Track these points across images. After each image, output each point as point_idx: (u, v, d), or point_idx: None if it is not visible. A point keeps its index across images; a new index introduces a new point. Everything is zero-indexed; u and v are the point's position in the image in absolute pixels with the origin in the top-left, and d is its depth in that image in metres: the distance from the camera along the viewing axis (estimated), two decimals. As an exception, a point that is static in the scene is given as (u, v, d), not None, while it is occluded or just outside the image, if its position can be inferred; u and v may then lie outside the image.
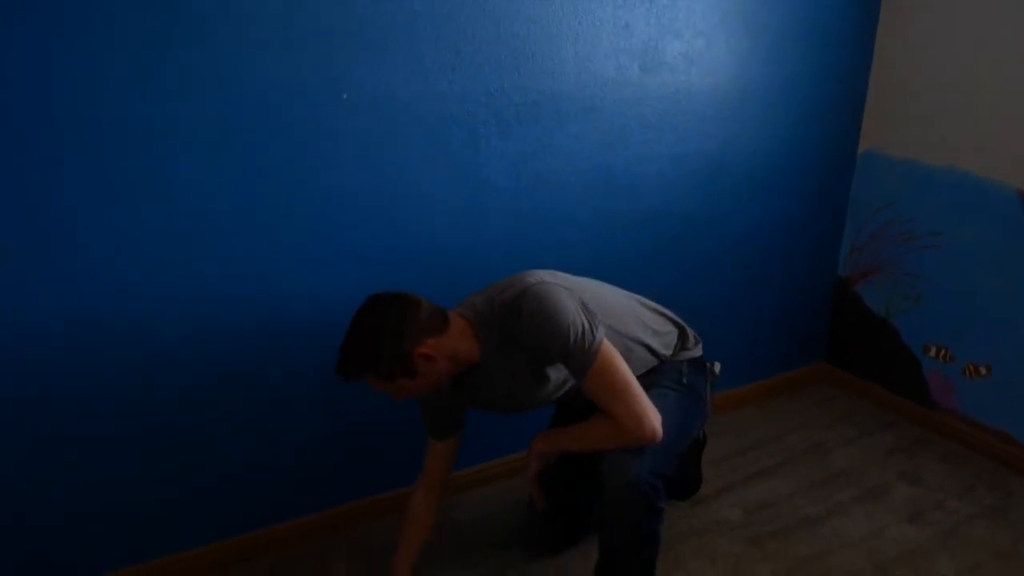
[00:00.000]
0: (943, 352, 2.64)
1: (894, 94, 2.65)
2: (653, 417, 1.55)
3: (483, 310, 1.62)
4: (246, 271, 1.83)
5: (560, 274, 1.68)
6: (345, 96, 1.80)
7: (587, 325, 1.54)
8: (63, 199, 1.60)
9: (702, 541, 2.15)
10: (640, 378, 1.62)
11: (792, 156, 2.63)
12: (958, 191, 2.50)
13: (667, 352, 1.84)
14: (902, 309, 2.76)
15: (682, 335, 1.90)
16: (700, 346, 1.94)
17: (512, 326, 1.57)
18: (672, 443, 1.64)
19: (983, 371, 2.53)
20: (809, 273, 2.90)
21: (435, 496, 1.86)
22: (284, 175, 1.79)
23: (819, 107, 2.62)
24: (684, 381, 1.82)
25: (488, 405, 1.76)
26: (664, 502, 1.60)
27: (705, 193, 2.48)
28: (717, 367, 1.98)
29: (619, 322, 1.70)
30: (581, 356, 1.53)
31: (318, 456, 2.10)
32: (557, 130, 2.11)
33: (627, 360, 1.59)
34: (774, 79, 2.47)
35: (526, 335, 1.55)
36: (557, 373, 1.66)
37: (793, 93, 2.53)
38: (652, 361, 1.80)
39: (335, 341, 1.56)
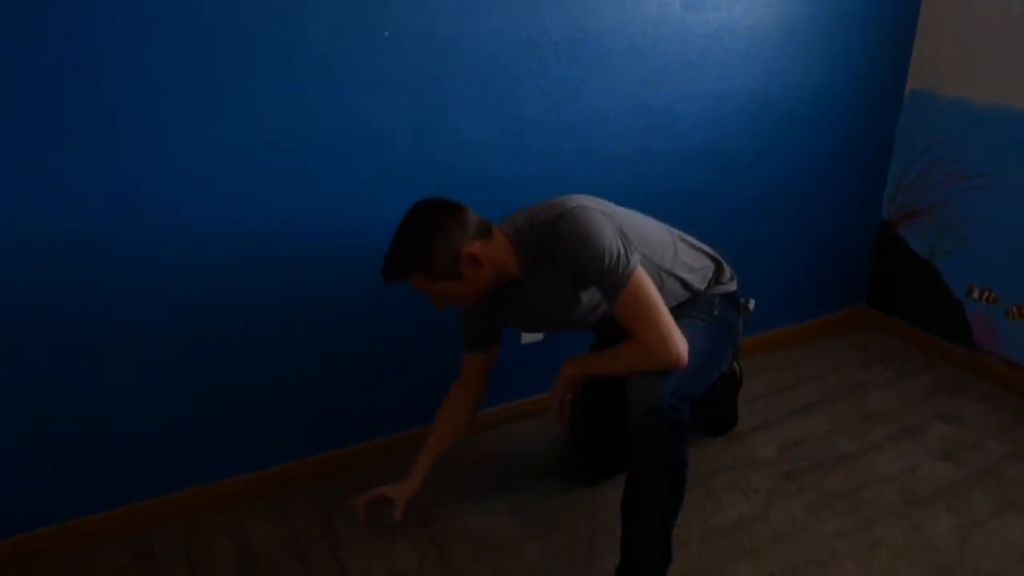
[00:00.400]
0: (987, 294, 2.62)
1: (944, 31, 2.59)
2: (679, 342, 1.59)
3: (522, 228, 1.68)
4: (285, 204, 1.87)
5: (601, 200, 1.72)
6: (387, 33, 1.82)
7: (622, 250, 1.58)
8: (117, 126, 1.65)
9: (736, 475, 2.20)
10: (672, 310, 1.65)
11: (837, 95, 2.59)
12: (1007, 130, 2.45)
13: (701, 286, 1.87)
14: (946, 251, 2.73)
15: (718, 270, 1.93)
16: (735, 282, 1.96)
17: (550, 246, 1.62)
18: (699, 370, 1.68)
19: (1027, 313, 2.51)
20: (852, 215, 2.88)
21: (473, 394, 1.93)
22: (323, 110, 1.83)
23: (865, 44, 2.57)
24: (715, 313, 1.85)
25: (525, 321, 1.82)
26: (689, 425, 1.63)
27: (748, 132, 2.46)
28: (751, 304, 2.00)
29: (654, 253, 1.73)
30: (614, 279, 1.57)
31: (363, 388, 2.18)
32: (598, 68, 2.11)
33: (659, 291, 1.62)
34: (819, 15, 2.43)
35: (563, 256, 1.60)
36: (589, 296, 1.70)
37: (839, 30, 2.49)
38: (685, 294, 1.83)
39: (371, 272, 1.61)
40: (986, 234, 2.60)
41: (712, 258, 1.94)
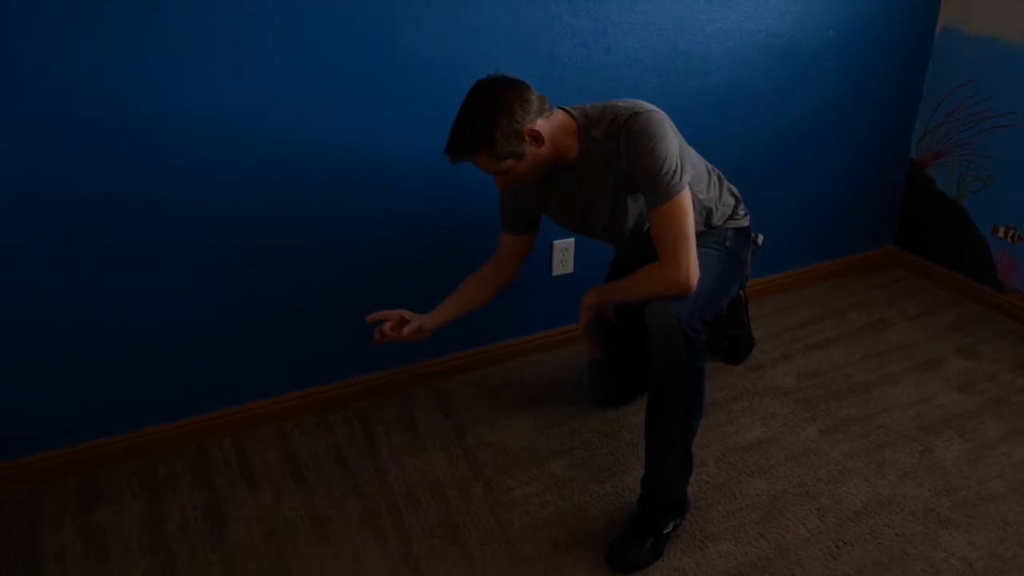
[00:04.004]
0: (1012, 232, 2.65)
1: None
2: (693, 269, 1.67)
3: (593, 115, 1.73)
4: (326, 129, 1.98)
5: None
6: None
7: (679, 167, 1.66)
8: (174, 58, 1.78)
9: (755, 402, 2.30)
10: None
11: (867, 34, 2.61)
12: (1037, 69, 2.47)
13: (719, 222, 1.96)
14: (973, 190, 2.76)
15: (736, 207, 2.02)
16: (748, 217, 2.05)
17: (616, 137, 1.68)
18: (709, 295, 1.77)
19: (1050, 251, 2.55)
20: (880, 155, 2.91)
21: (501, 274, 2.01)
22: (362, 44, 1.92)
23: (896, -19, 2.59)
24: (727, 245, 1.95)
25: (564, 214, 1.91)
26: (704, 344, 1.71)
27: (776, 71, 2.50)
28: (760, 239, 2.09)
29: (695, 182, 1.80)
30: (664, 189, 1.64)
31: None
32: (626, 8, 2.17)
33: None
34: (850, -47, 2.45)
35: (627, 149, 1.67)
36: (635, 205, 1.80)
37: (869, -32, 2.51)
38: (702, 227, 1.91)
39: (407, 201, 1.69)
40: (1012, 173, 2.62)
41: (734, 196, 2.03)
